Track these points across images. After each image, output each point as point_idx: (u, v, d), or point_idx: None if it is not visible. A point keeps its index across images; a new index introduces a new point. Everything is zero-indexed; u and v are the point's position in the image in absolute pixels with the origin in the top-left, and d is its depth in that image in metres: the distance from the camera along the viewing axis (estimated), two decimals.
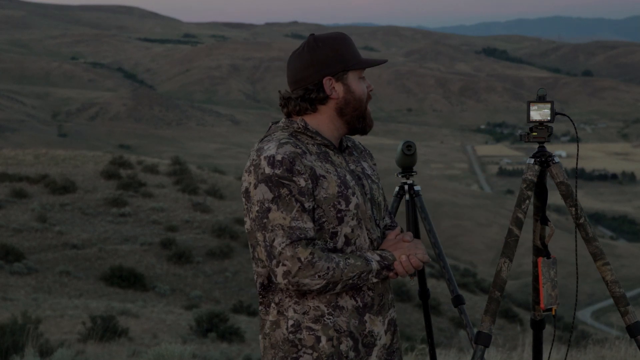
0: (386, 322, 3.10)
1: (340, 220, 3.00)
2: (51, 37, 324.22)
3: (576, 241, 3.74)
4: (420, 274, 4.78)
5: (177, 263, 32.68)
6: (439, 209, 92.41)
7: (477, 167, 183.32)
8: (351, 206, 3.01)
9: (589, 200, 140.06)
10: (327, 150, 3.08)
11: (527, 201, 3.70)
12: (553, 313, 3.79)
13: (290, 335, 2.99)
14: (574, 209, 3.72)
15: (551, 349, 3.89)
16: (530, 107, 3.70)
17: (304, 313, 2.99)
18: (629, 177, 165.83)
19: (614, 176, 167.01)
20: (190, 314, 21.71)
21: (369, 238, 3.06)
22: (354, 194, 3.03)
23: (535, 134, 3.72)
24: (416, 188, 4.65)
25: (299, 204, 2.93)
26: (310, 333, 2.98)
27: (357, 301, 3.02)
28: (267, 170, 2.94)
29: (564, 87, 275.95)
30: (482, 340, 3.65)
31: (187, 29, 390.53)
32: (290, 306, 3.00)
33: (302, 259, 2.89)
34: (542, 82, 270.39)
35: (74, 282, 29.16)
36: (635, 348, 7.66)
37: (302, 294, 2.98)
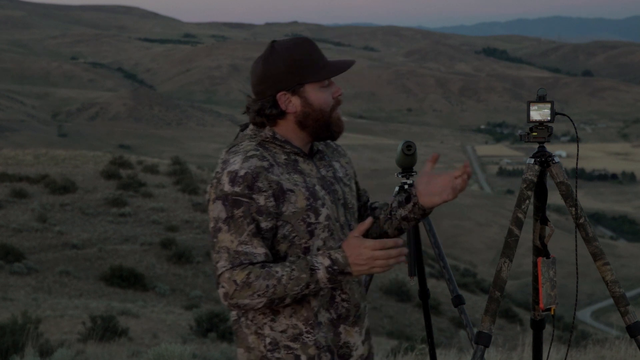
0: (363, 332, 3.00)
1: (312, 234, 2.89)
2: (51, 37, 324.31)
3: (576, 241, 3.74)
4: (420, 274, 4.78)
5: (177, 263, 32.68)
6: (439, 209, 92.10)
7: (477, 167, 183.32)
8: (321, 218, 2.90)
9: (589, 200, 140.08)
10: (297, 157, 2.96)
11: (527, 201, 3.70)
12: (552, 312, 3.79)
13: (269, 353, 2.89)
14: (574, 209, 3.72)
15: (550, 348, 3.89)
16: (530, 107, 3.70)
17: (281, 331, 2.89)
18: (629, 177, 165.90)
19: (614, 176, 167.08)
20: (190, 314, 21.72)
21: None
22: (323, 205, 2.91)
23: (535, 134, 3.72)
24: None
25: (252, 226, 2.82)
26: (289, 352, 2.89)
27: (331, 313, 2.92)
28: (227, 187, 2.83)
29: (564, 87, 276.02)
30: (482, 340, 3.65)
31: (187, 29, 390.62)
32: (265, 324, 2.90)
33: (238, 281, 2.77)
34: (542, 82, 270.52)
35: (74, 282, 29.16)
36: (635, 348, 7.66)
37: (277, 311, 2.88)
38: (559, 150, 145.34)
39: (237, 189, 2.82)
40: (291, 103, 2.93)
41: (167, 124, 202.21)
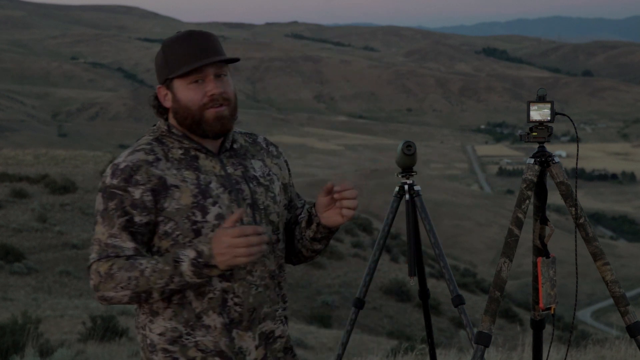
0: (257, 336, 2.87)
1: (197, 233, 2.79)
2: (51, 37, 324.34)
3: (576, 241, 3.75)
4: (420, 274, 4.78)
5: None
6: (439, 209, 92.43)
7: (477, 167, 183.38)
8: (209, 217, 2.80)
9: (589, 200, 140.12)
10: (198, 154, 2.88)
11: (527, 201, 3.70)
12: (552, 312, 3.79)
13: (149, 354, 2.85)
14: (574, 209, 3.72)
15: (550, 347, 3.89)
16: (530, 107, 3.70)
17: (159, 334, 2.83)
18: (629, 177, 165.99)
19: (614, 176, 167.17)
20: None
21: None
22: (215, 203, 2.81)
23: (535, 134, 3.71)
24: (416, 188, 4.65)
25: (123, 219, 2.77)
26: (167, 355, 2.82)
27: (223, 317, 2.82)
28: (107, 180, 2.80)
29: (564, 87, 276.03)
30: (482, 340, 3.65)
31: (187, 29, 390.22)
32: (146, 324, 2.85)
33: (102, 273, 2.73)
34: (542, 82, 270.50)
35: (74, 282, 29.16)
36: (635, 348, 7.66)
37: (155, 312, 2.83)
38: (559, 150, 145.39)
39: (114, 182, 2.78)
40: (167, 98, 2.90)
41: None
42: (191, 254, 2.71)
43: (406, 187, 4.66)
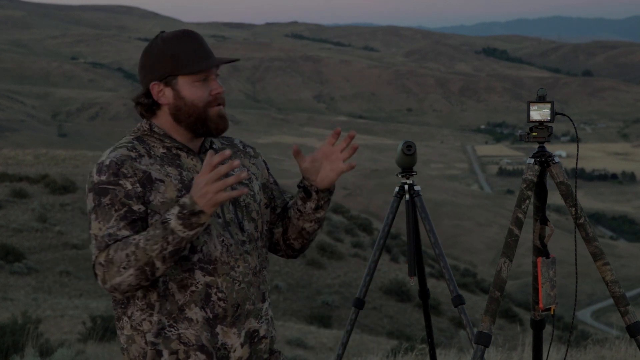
0: (243, 333, 2.89)
1: None
2: (51, 37, 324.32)
3: (576, 241, 3.75)
4: (420, 274, 4.78)
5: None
6: (439, 209, 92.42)
7: (477, 167, 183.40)
8: None
9: (589, 200, 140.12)
10: (180, 152, 2.93)
11: (527, 201, 3.70)
12: (552, 312, 3.79)
13: (147, 348, 2.88)
14: (574, 209, 3.72)
15: (549, 348, 3.89)
16: (530, 107, 3.70)
17: (149, 328, 2.87)
18: (629, 177, 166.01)
19: (614, 176, 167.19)
20: None
21: (221, 244, 2.88)
22: None
23: (535, 134, 3.72)
24: (416, 188, 4.66)
25: (122, 211, 2.79)
26: (152, 348, 2.86)
27: (207, 312, 2.85)
28: (95, 177, 2.83)
29: (564, 87, 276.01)
30: (482, 340, 3.66)
31: (185, 29, 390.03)
32: (144, 319, 2.88)
33: (103, 262, 2.75)
34: (542, 82, 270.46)
35: (74, 282, 29.17)
36: (635, 348, 7.65)
37: (150, 306, 2.86)
38: (559, 150, 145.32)
39: (103, 178, 2.82)
40: (164, 95, 2.93)
41: None
42: (175, 210, 2.73)
43: (406, 187, 4.66)
